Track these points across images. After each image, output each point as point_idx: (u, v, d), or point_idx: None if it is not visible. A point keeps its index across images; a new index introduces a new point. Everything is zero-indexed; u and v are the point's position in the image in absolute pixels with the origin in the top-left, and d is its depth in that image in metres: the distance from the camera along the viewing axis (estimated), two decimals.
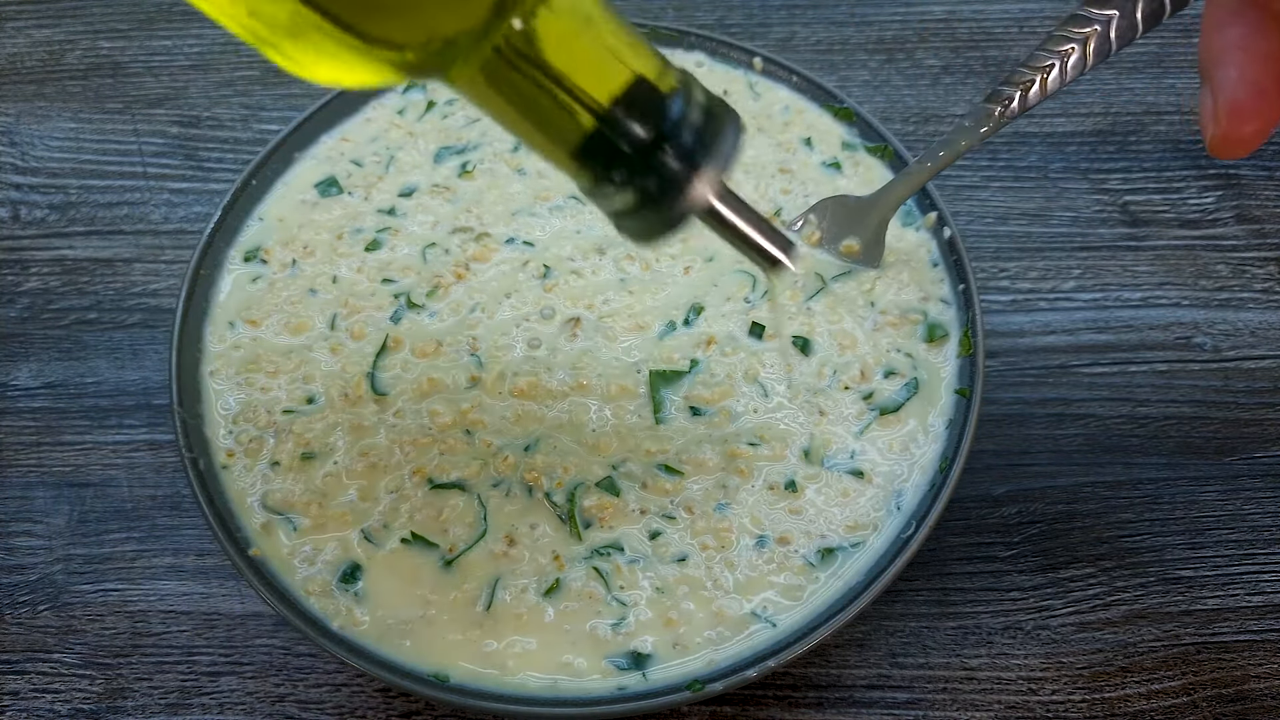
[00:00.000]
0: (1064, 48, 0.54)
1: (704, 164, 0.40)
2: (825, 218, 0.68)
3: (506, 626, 0.56)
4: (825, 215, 0.68)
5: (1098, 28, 0.53)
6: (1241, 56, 0.45)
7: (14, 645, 0.64)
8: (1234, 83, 0.45)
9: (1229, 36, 0.46)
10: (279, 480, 0.61)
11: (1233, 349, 0.74)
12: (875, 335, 0.65)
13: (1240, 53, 0.45)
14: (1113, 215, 0.80)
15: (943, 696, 0.62)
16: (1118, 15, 0.53)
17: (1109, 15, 0.53)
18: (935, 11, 0.91)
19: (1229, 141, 0.45)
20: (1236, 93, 0.45)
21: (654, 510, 0.59)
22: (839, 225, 0.68)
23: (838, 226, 0.68)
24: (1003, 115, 0.57)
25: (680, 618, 0.57)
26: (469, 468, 0.61)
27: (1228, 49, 0.46)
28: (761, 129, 0.73)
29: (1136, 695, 0.62)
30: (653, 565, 0.58)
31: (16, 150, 0.85)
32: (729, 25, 0.91)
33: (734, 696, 0.62)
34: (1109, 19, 0.53)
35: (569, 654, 0.56)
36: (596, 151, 0.40)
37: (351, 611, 0.57)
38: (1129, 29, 0.53)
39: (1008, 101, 0.57)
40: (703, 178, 0.40)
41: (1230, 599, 0.65)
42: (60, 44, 0.91)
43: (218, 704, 0.62)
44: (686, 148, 0.40)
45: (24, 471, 0.70)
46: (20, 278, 0.78)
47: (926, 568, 0.66)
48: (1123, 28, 0.53)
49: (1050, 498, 0.68)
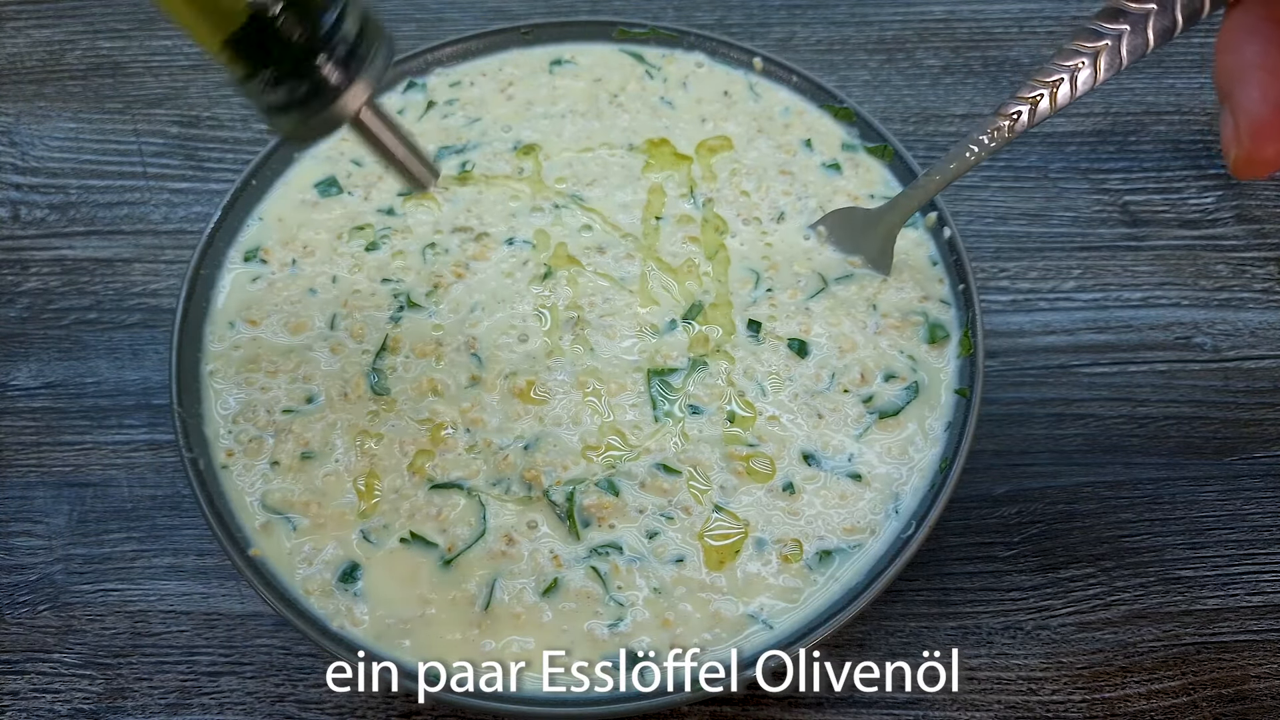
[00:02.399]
0: (1074, 62, 0.54)
1: (355, 75, 0.43)
2: (835, 228, 0.68)
3: (505, 626, 0.56)
4: (835, 226, 0.68)
5: (1109, 42, 0.53)
6: (1262, 75, 0.44)
7: (14, 645, 0.64)
8: (1256, 103, 0.44)
9: (1247, 55, 0.45)
10: (279, 480, 0.61)
11: (1233, 349, 0.74)
12: (876, 338, 0.65)
13: (1260, 72, 0.44)
14: (1113, 215, 0.80)
15: (943, 696, 0.62)
16: (1129, 30, 0.52)
17: (1120, 30, 0.52)
18: (935, 11, 0.91)
19: (1252, 163, 0.44)
20: (1259, 112, 0.44)
21: (652, 510, 0.59)
22: (849, 236, 0.68)
23: (847, 237, 0.68)
24: (1011, 129, 0.57)
25: (677, 619, 0.57)
26: (469, 467, 0.61)
27: (1247, 68, 0.45)
28: (762, 130, 0.73)
29: (1136, 695, 0.62)
30: (651, 566, 0.58)
31: (16, 150, 0.85)
32: (729, 25, 0.91)
33: (733, 696, 0.62)
34: (1120, 34, 0.52)
35: (567, 654, 0.56)
36: (248, 45, 0.42)
37: (351, 611, 0.57)
38: (1140, 44, 0.52)
39: (1016, 116, 0.56)
40: (353, 89, 0.43)
41: (1230, 599, 0.65)
42: (60, 44, 0.91)
43: (218, 704, 0.62)
44: (338, 56, 0.43)
45: (24, 471, 0.70)
46: (20, 278, 0.78)
47: (926, 568, 0.66)
48: (1134, 43, 0.52)
49: (1050, 498, 0.68)
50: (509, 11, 0.92)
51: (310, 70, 0.43)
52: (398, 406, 0.63)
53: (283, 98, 0.43)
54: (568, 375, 0.63)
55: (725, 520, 0.59)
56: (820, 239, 0.68)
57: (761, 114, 0.74)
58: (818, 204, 0.70)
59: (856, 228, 0.67)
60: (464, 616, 0.57)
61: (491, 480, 0.60)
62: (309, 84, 0.43)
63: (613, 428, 0.62)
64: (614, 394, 0.63)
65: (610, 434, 0.62)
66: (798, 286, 0.67)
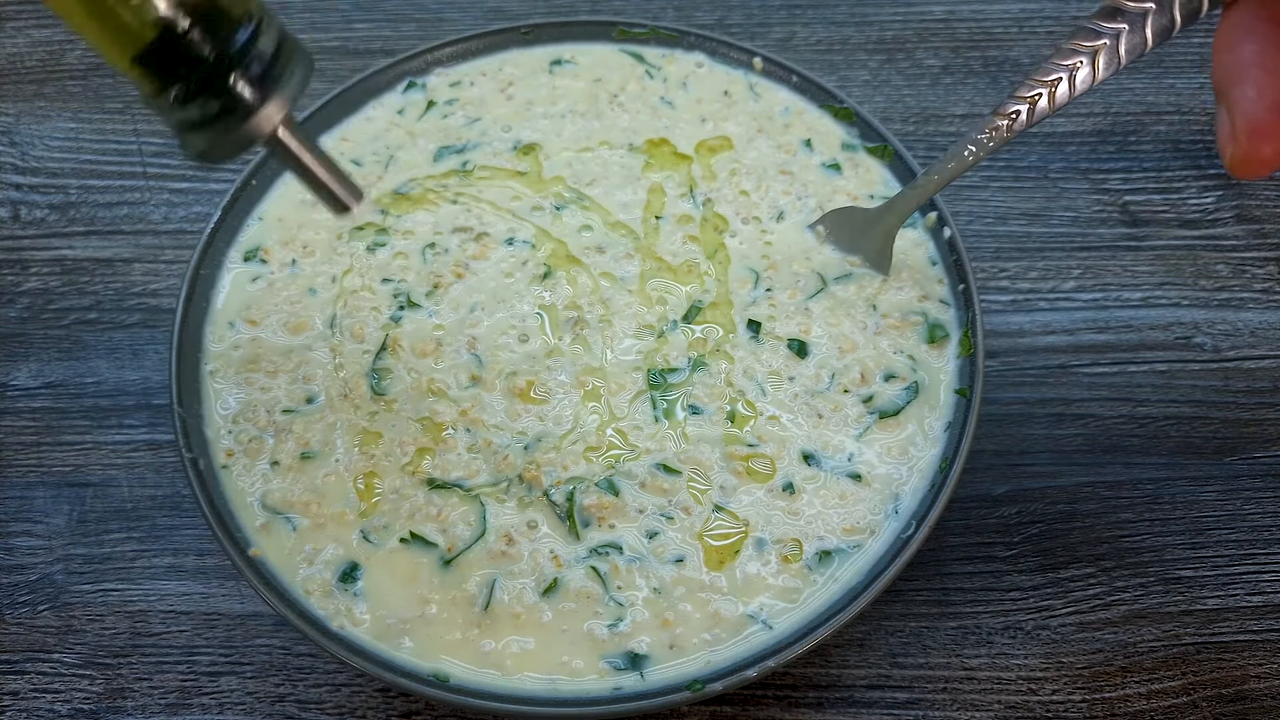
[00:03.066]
0: (1072, 61, 0.53)
1: (270, 93, 0.42)
2: (834, 228, 0.68)
3: (505, 626, 0.56)
4: (834, 226, 0.68)
5: (1107, 41, 0.52)
6: (1259, 75, 0.44)
7: (14, 645, 0.64)
8: (1252, 102, 0.44)
9: (1244, 54, 0.45)
10: (279, 480, 0.61)
11: (1233, 349, 0.74)
12: (876, 338, 0.65)
13: (1257, 71, 0.44)
14: (1113, 215, 0.80)
15: (943, 696, 0.62)
16: (1127, 30, 0.52)
17: (1118, 29, 0.52)
18: (935, 11, 0.91)
19: (1249, 162, 0.44)
20: (1255, 112, 0.44)
21: (652, 509, 0.59)
22: (847, 235, 0.68)
23: (846, 237, 0.68)
24: (1010, 129, 0.57)
25: (677, 619, 0.57)
26: (469, 467, 0.61)
27: (1244, 67, 0.44)
28: (762, 130, 0.73)
29: (1136, 695, 0.62)
30: (650, 566, 0.58)
31: (16, 150, 0.85)
32: (729, 25, 0.91)
33: (733, 696, 0.62)
34: (1118, 32, 0.52)
35: (566, 654, 0.56)
36: (159, 63, 0.41)
37: (351, 611, 0.57)
38: (1139, 43, 0.52)
39: (1015, 115, 0.56)
40: (267, 107, 0.42)
41: (1230, 599, 0.65)
42: (60, 44, 0.91)
43: (218, 704, 0.62)
44: (252, 74, 0.42)
45: (24, 471, 0.70)
46: (20, 278, 0.78)
47: (926, 568, 0.66)
48: (1133, 42, 0.52)
49: (1050, 498, 0.68)
50: (509, 11, 0.92)
51: (223, 87, 0.42)
52: (397, 406, 0.63)
53: (194, 115, 0.42)
54: (568, 375, 0.63)
55: (725, 520, 0.59)
56: (819, 238, 0.68)
57: (762, 114, 0.74)
58: (817, 203, 0.70)
59: (855, 227, 0.67)
60: (464, 616, 0.57)
61: (492, 480, 0.60)
62: (221, 101, 0.42)
63: (613, 427, 0.62)
64: (614, 393, 0.63)
65: (610, 433, 0.62)
66: (797, 287, 0.67)
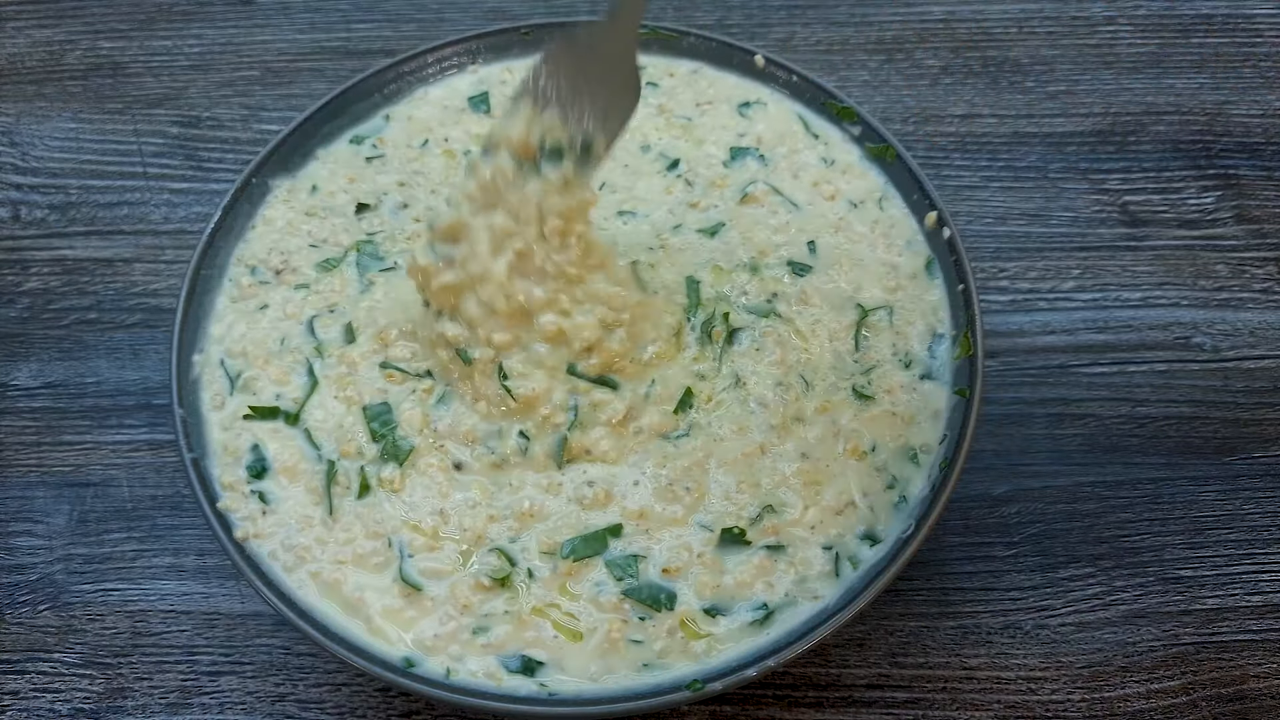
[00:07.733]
0: None
1: None
2: (559, 77, 0.53)
3: (508, 626, 0.56)
4: (558, 74, 0.53)
5: None
6: None
7: (14, 645, 0.64)
8: None
9: None
10: None
11: (1232, 349, 0.74)
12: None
13: None
14: (1112, 215, 0.80)
15: (942, 696, 0.62)
16: None
17: None
18: (935, 12, 0.91)
19: None
20: None
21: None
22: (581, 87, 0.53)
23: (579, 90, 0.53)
24: None
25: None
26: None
27: None
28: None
29: (1136, 695, 0.62)
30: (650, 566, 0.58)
31: (16, 150, 0.85)
32: (729, 25, 0.91)
33: (734, 696, 0.62)
34: None
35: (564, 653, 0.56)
36: None
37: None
38: None
39: None
40: None
41: (1230, 599, 0.65)
42: (60, 44, 0.91)
43: (218, 704, 0.62)
44: None
45: (24, 471, 0.70)
46: (20, 278, 0.78)
47: (926, 568, 0.66)
48: None
49: (1050, 498, 0.68)
50: (509, 12, 0.92)
51: None
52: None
53: None
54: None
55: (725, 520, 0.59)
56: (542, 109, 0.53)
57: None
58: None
59: (585, 69, 0.52)
60: (463, 611, 0.56)
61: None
62: None
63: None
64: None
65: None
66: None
